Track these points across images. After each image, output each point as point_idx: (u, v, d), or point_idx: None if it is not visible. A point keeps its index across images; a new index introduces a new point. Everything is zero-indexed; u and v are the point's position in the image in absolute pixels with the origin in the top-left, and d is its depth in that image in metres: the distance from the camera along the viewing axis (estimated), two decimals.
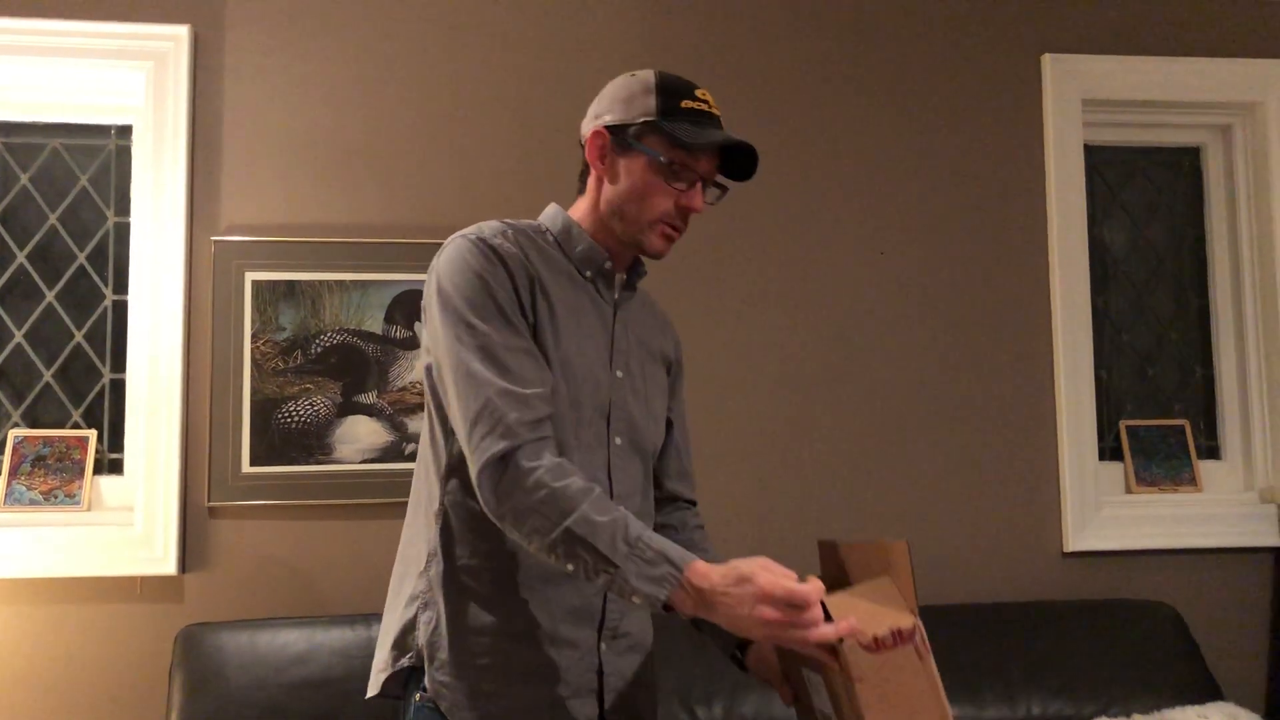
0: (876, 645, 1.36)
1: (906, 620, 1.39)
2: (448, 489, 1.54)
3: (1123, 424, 3.12)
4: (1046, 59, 3.06)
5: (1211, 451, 3.19)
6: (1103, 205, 3.22)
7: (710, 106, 1.59)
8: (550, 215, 1.66)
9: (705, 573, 1.34)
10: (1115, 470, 3.10)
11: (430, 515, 1.56)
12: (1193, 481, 3.08)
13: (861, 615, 1.38)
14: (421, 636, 1.53)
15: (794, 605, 1.29)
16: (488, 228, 1.56)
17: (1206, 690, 2.67)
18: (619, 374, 1.61)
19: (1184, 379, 3.22)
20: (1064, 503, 2.95)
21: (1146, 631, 2.75)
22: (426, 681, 1.51)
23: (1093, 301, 3.06)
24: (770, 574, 1.32)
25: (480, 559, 1.53)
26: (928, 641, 1.40)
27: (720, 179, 1.62)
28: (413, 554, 1.59)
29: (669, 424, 1.75)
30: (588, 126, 1.62)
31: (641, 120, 1.56)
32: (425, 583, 1.54)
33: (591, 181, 1.63)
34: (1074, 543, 2.93)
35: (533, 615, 1.51)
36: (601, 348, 1.60)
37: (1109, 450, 3.12)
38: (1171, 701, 2.59)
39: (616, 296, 1.65)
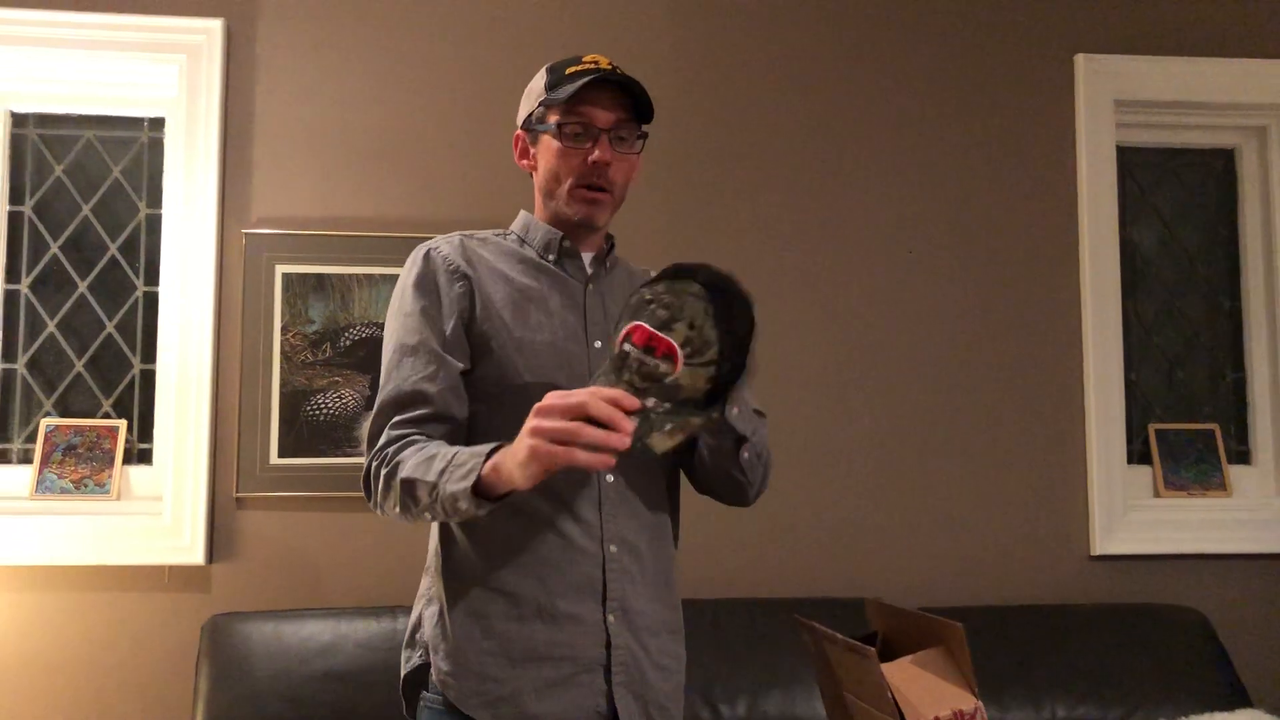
0: None
1: (968, 701, 1.42)
2: None
3: (1152, 427, 3.10)
4: (1079, 59, 3.04)
5: (1242, 456, 3.17)
6: (1134, 207, 3.20)
7: (599, 65, 1.61)
8: (517, 219, 1.74)
9: (506, 447, 1.38)
10: (1144, 474, 3.07)
11: None
12: (1222, 486, 3.05)
13: (923, 689, 1.40)
14: (427, 631, 1.58)
15: (570, 410, 1.29)
16: (433, 241, 1.66)
17: (1235, 697, 2.64)
18: (597, 344, 1.63)
19: (1214, 383, 3.19)
20: (1092, 506, 2.93)
21: (1174, 636, 2.72)
22: (433, 674, 1.54)
23: (1123, 304, 3.04)
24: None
25: (472, 546, 1.56)
26: None
27: (639, 129, 1.64)
28: (427, 554, 1.66)
29: None
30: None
31: (538, 104, 1.64)
32: (429, 579, 1.61)
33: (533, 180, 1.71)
34: (1101, 546, 2.91)
35: (530, 594, 1.53)
36: (574, 324, 1.62)
37: (1137, 454, 3.10)
38: (1199, 708, 2.57)
39: (589, 273, 1.68)
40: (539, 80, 1.66)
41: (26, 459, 2.82)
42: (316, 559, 2.74)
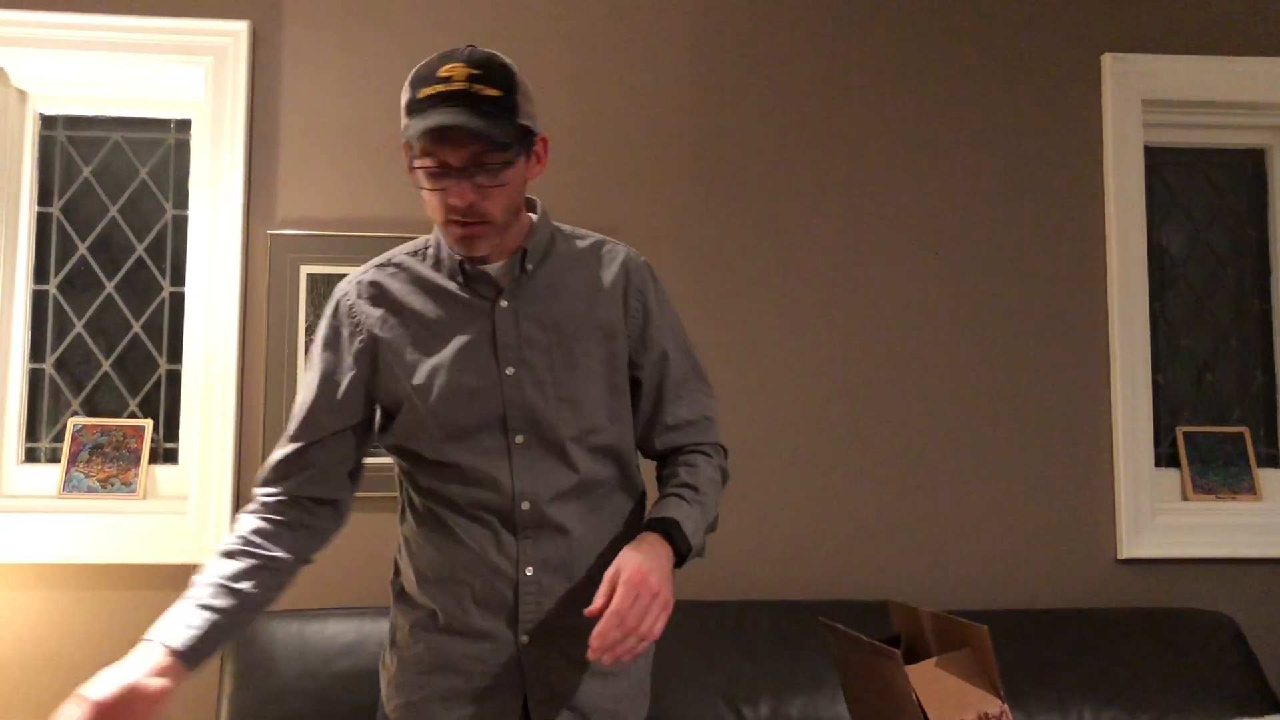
0: None
1: (994, 705, 1.41)
2: (400, 504, 1.72)
3: (1180, 430, 3.07)
4: (1106, 58, 3.01)
5: (1271, 460, 3.13)
6: (1162, 207, 3.17)
7: (445, 84, 1.43)
8: (432, 234, 1.66)
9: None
10: (1171, 477, 3.04)
11: None
12: (1252, 490, 3.02)
13: (947, 691, 1.40)
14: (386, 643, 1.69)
15: None
16: (350, 279, 1.64)
17: (1265, 704, 2.61)
18: (509, 371, 1.56)
19: (1244, 385, 3.16)
20: (1118, 509, 2.91)
21: (1203, 642, 2.70)
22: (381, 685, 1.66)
23: (1150, 305, 3.01)
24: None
25: (405, 558, 1.65)
26: None
27: (504, 155, 1.47)
28: None
29: (636, 384, 1.66)
30: None
31: (404, 135, 1.48)
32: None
33: None
34: (1128, 550, 2.89)
35: (446, 607, 1.57)
36: (483, 355, 1.56)
37: (1165, 457, 3.07)
38: (1228, 713, 2.54)
39: (501, 288, 1.58)
40: (404, 95, 1.50)
41: (54, 458, 2.84)
42: (340, 559, 2.72)
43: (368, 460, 2.70)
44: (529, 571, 1.55)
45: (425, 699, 1.57)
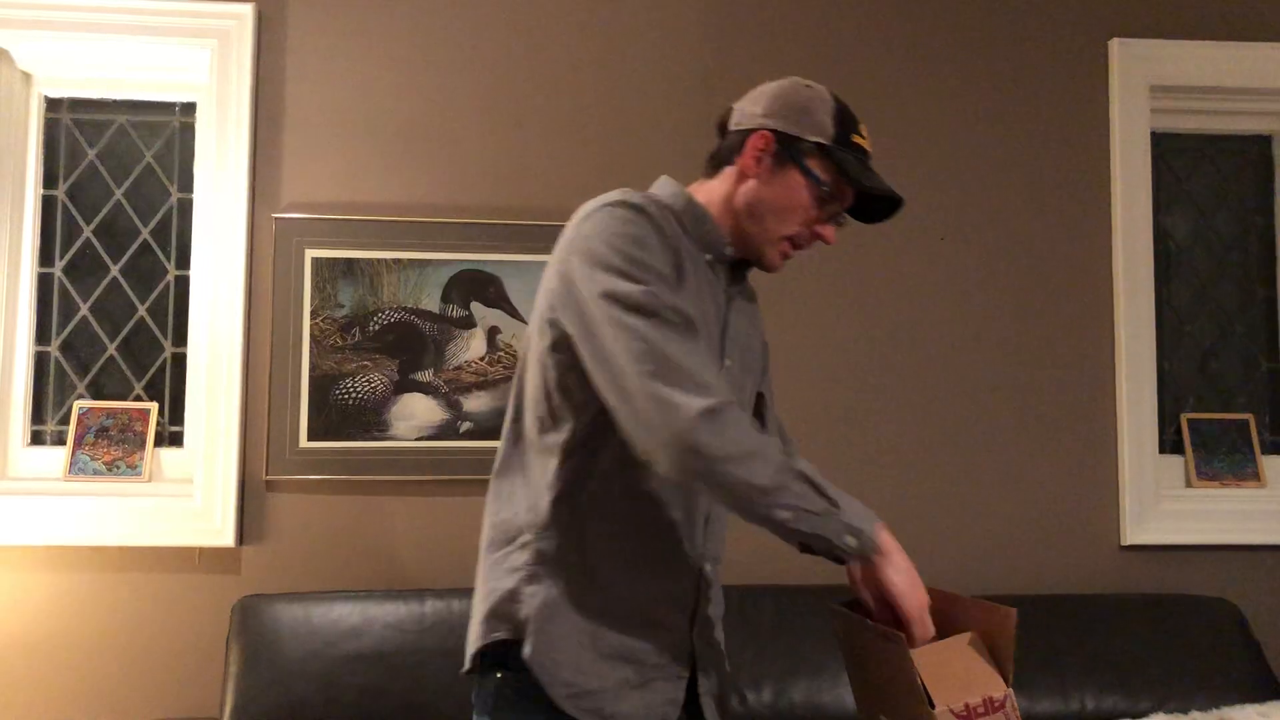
0: (968, 712, 1.37)
1: (999, 689, 1.40)
2: (568, 466, 1.50)
3: (1184, 417, 3.07)
4: (1114, 44, 3.00)
5: (1276, 447, 3.12)
6: (1168, 193, 3.16)
7: (867, 144, 1.61)
8: (670, 192, 1.61)
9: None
10: (1176, 464, 3.04)
11: (539, 488, 1.51)
12: (1256, 477, 3.02)
13: (954, 674, 1.38)
14: (526, 608, 1.50)
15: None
16: (632, 195, 1.51)
17: (1268, 689, 2.61)
18: (727, 363, 1.58)
19: (1248, 372, 3.16)
20: (1122, 495, 2.91)
21: (1206, 628, 2.70)
22: (527, 651, 1.48)
23: (1156, 292, 3.00)
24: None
25: (592, 539, 1.51)
26: (1018, 710, 1.40)
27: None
28: (510, 524, 1.55)
29: (760, 397, 1.76)
30: (750, 121, 1.59)
31: (815, 140, 1.55)
32: (531, 554, 1.51)
33: (731, 173, 1.60)
34: (1132, 536, 2.89)
35: (632, 598, 1.52)
36: (715, 334, 1.57)
37: (1170, 443, 3.06)
38: (1231, 700, 2.55)
39: (731, 284, 1.62)
40: (821, 112, 1.56)
41: (60, 441, 2.85)
42: (345, 542, 2.75)
43: (370, 445, 2.72)
44: (707, 568, 1.60)
45: (599, 689, 1.49)
